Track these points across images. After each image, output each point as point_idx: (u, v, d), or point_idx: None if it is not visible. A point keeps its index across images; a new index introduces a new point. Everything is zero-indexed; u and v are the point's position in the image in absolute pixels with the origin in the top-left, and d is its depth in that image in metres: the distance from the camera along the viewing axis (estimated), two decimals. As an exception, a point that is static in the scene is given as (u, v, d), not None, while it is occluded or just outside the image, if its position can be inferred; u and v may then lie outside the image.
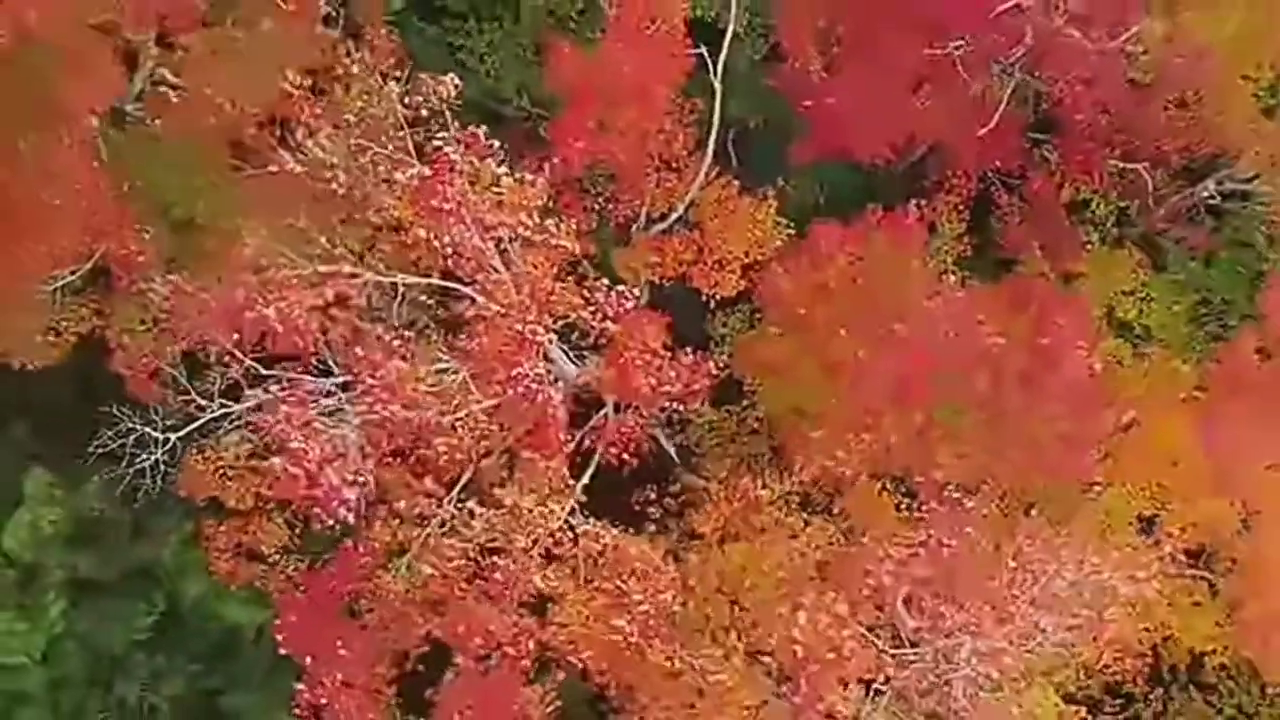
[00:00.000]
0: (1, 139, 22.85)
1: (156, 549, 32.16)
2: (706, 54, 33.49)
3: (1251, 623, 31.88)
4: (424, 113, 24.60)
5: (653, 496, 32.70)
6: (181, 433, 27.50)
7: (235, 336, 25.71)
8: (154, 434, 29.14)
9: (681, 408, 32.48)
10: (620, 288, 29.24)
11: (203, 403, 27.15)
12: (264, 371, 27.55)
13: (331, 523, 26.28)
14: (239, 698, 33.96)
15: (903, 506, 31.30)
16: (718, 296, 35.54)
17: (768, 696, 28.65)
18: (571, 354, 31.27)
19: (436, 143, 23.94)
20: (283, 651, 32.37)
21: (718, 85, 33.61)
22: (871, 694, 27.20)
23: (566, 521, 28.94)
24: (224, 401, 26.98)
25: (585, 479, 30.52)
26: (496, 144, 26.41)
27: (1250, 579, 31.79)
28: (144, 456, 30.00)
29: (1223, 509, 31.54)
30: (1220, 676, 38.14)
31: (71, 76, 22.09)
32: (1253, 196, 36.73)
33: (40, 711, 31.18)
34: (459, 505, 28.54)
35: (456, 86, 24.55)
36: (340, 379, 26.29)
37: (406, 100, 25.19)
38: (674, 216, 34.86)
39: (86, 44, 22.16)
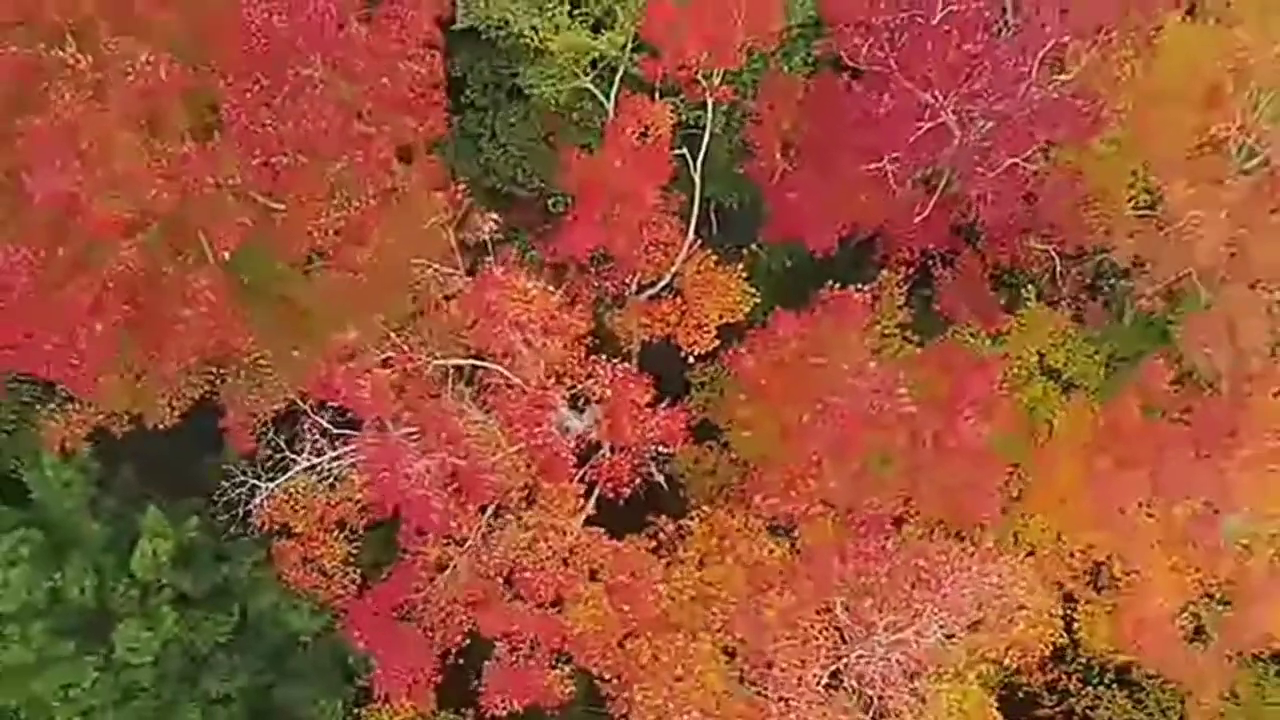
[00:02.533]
0: (153, 270, 34.71)
1: (235, 569, 43.09)
2: (688, 152, 44.38)
3: (1127, 629, 43.17)
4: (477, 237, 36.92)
5: (645, 536, 43.34)
6: (281, 480, 39.65)
7: (320, 400, 38.02)
8: (242, 476, 41.44)
9: (665, 449, 44.67)
10: (617, 362, 41.53)
11: (293, 455, 39.54)
12: (336, 430, 40.01)
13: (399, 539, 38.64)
14: (291, 689, 44.85)
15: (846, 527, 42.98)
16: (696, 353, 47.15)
17: (733, 686, 40.17)
18: (577, 405, 43.23)
19: (485, 266, 36.00)
20: (333, 652, 44.89)
21: (697, 179, 44.57)
22: (817, 682, 39.19)
23: (580, 532, 40.78)
24: (309, 456, 39.35)
25: (590, 509, 42.67)
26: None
27: (1124, 594, 43.17)
28: (230, 494, 42.20)
29: (1101, 538, 42.83)
30: (1142, 677, 49.33)
31: (214, 226, 33.78)
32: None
33: (147, 700, 42.19)
34: (491, 525, 40.57)
35: (496, 223, 36.76)
36: (406, 431, 38.40)
37: (454, 222, 37.42)
38: (661, 285, 45.52)
39: (224, 203, 34.04)
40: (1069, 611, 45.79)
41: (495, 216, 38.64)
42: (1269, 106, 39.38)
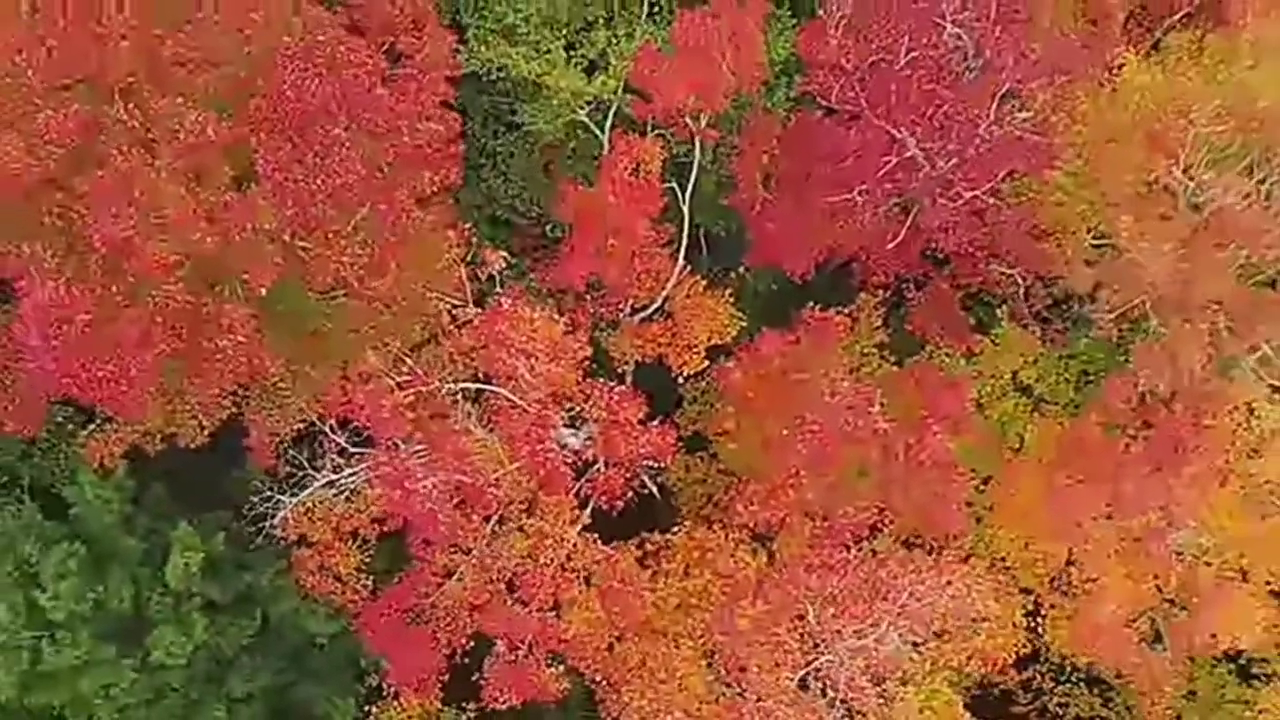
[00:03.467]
0: (194, 303, 40.22)
1: (257, 578, 48.36)
2: (678, 182, 49.68)
3: (1082, 632, 48.45)
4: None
5: (634, 545, 48.66)
6: (303, 495, 45.38)
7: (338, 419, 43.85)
8: (267, 491, 46.94)
9: (657, 463, 49.76)
10: (612, 382, 47.14)
11: (312, 472, 45.36)
12: (352, 448, 45.78)
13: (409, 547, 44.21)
14: (307, 688, 50.49)
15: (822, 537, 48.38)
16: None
17: (715, 687, 45.55)
18: (574, 423, 48.81)
19: (494, 299, 41.91)
20: (346, 653, 50.69)
21: (686, 210, 49.85)
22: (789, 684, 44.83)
23: (576, 539, 46.14)
24: (328, 472, 45.14)
25: (585, 518, 48.05)
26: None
27: (1080, 600, 48.40)
28: (255, 507, 47.61)
29: (1060, 548, 48.04)
30: (1111, 676, 54.40)
31: (251, 265, 39.60)
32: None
33: (176, 699, 47.56)
34: (495, 534, 45.88)
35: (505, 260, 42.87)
36: (417, 448, 44.08)
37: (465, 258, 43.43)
38: (653, 308, 50.63)
39: (260, 245, 39.62)
40: (1038, 616, 50.80)
41: (505, 255, 44.56)
42: (1209, 153, 44.86)
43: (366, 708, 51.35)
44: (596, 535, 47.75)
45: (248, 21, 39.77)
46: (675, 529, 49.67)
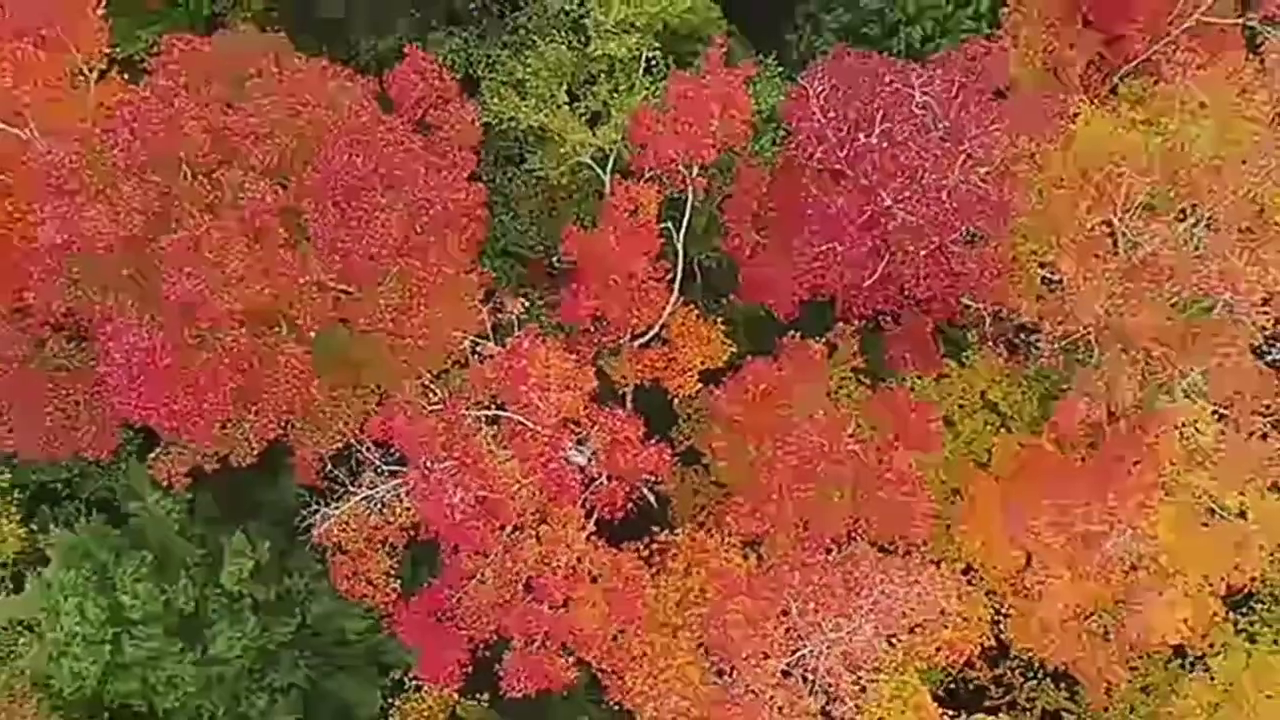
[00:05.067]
0: (258, 346, 48.13)
1: (296, 581, 56.46)
2: (672, 223, 57.29)
3: (1033, 630, 56.32)
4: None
5: (639, 546, 56.53)
6: (344, 507, 54.11)
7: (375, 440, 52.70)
8: (310, 503, 55.39)
9: (654, 478, 57.96)
10: (614, 405, 55.88)
11: (351, 488, 54.31)
12: (385, 466, 54.70)
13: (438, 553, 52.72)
14: (337, 681, 58.56)
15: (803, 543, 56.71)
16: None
17: (709, 675, 53.51)
18: (580, 442, 57.30)
19: (513, 338, 50.89)
20: (373, 650, 59.51)
21: (680, 247, 57.66)
22: (775, 672, 53.29)
23: (584, 544, 53.84)
24: (366, 487, 54.03)
25: (590, 525, 55.79)
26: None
27: (1032, 601, 56.08)
28: (302, 520, 55.63)
29: (1015, 554, 55.80)
30: (1075, 671, 61.60)
31: (303, 312, 48.11)
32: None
33: (227, 688, 55.53)
34: (514, 540, 53.50)
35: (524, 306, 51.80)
36: (445, 466, 52.81)
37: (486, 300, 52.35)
38: (650, 335, 58.19)
39: (310, 294, 48.48)
40: (1004, 616, 58.78)
41: (522, 298, 53.57)
42: (1146, 199, 52.89)
43: (390, 700, 59.96)
44: (603, 539, 55.23)
45: (299, 98, 48.48)
46: (676, 532, 57.32)
